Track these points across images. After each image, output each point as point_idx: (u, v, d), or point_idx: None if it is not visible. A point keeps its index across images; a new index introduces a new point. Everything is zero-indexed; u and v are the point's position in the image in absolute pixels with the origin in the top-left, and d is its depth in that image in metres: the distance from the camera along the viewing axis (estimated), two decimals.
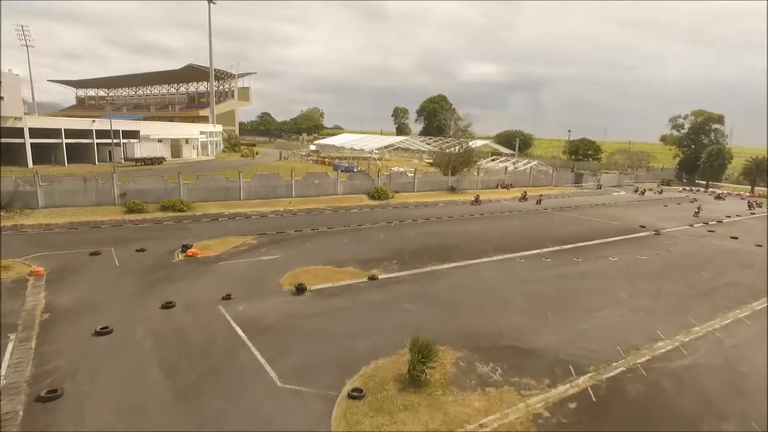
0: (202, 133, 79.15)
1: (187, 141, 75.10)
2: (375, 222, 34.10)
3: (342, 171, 64.44)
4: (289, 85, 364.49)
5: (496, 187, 57.97)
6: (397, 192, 48.90)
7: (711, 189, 69.55)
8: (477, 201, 45.57)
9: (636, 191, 60.94)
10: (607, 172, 72.18)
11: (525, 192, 51.55)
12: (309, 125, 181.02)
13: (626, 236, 32.41)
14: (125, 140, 62.33)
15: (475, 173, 56.19)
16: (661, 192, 63.32)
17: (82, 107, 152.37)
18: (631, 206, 48.62)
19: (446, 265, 23.02)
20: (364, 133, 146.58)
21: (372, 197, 45.64)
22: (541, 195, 51.24)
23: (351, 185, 46.34)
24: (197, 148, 77.93)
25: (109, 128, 58.03)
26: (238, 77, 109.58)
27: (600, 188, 65.04)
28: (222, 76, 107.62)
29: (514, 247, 27.11)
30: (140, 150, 60.50)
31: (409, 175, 51.39)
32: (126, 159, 60.34)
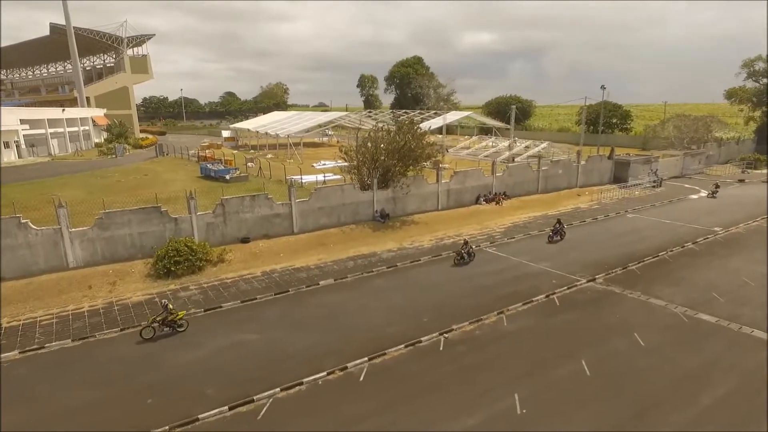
0: (24, 122, 50.70)
1: None
2: None
3: (214, 177, 37.03)
4: (282, 65, 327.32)
5: (477, 201, 30.22)
6: (244, 241, 21.37)
7: None
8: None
9: (714, 193, 33.31)
10: (665, 155, 44.00)
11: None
12: (269, 103, 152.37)
13: None
14: None
15: (433, 177, 28.33)
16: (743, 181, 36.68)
17: None
18: None
19: None
20: (311, 110, 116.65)
21: (158, 270, 18.18)
22: None
23: (106, 242, 18.79)
24: (16, 146, 49.80)
25: None
26: (128, 44, 78.61)
27: (660, 185, 37.42)
28: (106, 41, 77.48)
29: None
30: None
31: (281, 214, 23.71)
32: None
